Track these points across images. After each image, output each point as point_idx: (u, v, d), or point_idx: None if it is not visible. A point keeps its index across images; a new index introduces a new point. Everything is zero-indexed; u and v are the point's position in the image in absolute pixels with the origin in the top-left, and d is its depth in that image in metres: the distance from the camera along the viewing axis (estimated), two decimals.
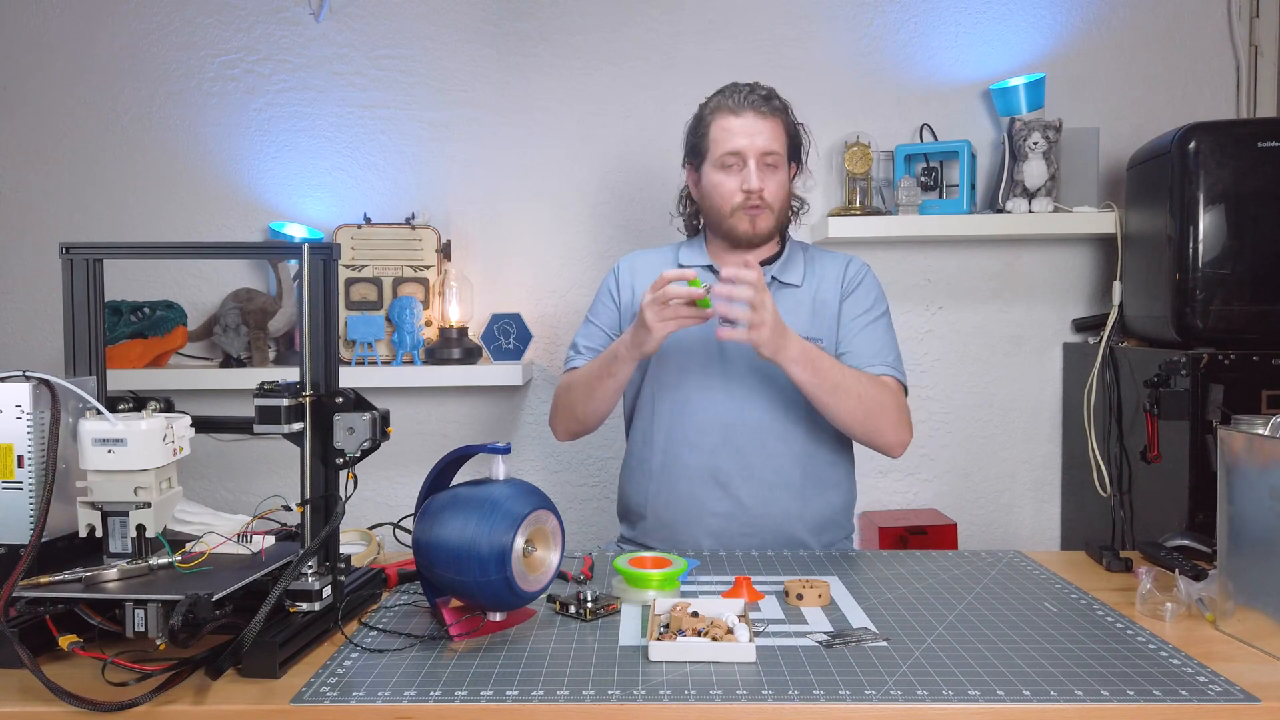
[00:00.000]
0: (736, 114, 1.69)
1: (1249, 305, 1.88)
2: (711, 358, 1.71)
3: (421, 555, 1.14)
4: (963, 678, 1.00)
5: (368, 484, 2.46)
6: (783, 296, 1.73)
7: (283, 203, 2.45)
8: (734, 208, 1.70)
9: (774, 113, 1.70)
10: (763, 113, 1.68)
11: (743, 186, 1.68)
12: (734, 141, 1.68)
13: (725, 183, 1.70)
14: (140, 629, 0.99)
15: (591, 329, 1.82)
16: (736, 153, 1.68)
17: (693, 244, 1.83)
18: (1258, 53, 2.39)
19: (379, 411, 1.14)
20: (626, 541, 1.81)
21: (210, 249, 1.99)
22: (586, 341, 1.81)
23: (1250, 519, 1.12)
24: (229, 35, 2.43)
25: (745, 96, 1.69)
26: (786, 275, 1.75)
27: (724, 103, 1.71)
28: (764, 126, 1.68)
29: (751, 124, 1.68)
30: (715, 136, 1.70)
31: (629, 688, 0.98)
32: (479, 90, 2.44)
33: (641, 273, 1.82)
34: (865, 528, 2.44)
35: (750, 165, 1.67)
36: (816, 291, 1.75)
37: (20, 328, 2.48)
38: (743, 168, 1.68)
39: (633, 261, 1.85)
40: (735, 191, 1.69)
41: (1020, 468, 2.49)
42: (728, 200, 1.70)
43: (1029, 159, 2.24)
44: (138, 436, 1.04)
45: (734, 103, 1.69)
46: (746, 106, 1.68)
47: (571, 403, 1.75)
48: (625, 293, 1.81)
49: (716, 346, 1.70)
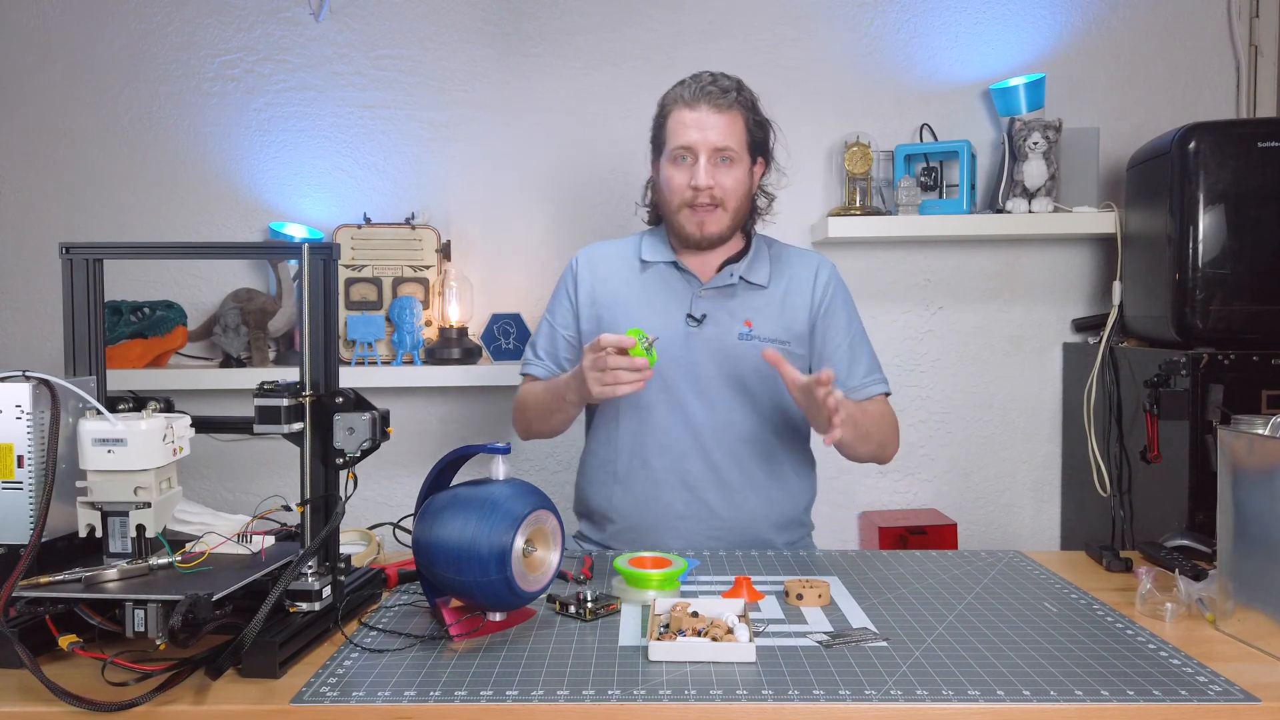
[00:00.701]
0: (691, 107, 1.63)
1: (1249, 305, 1.88)
2: (677, 361, 1.67)
3: (421, 555, 1.14)
4: (963, 678, 1.00)
5: (367, 484, 2.46)
6: (750, 297, 1.70)
7: (282, 203, 2.45)
8: (680, 203, 1.65)
9: (731, 106, 1.63)
10: (719, 105, 1.62)
11: (690, 183, 1.63)
12: (685, 135, 1.62)
13: (675, 176, 1.65)
14: (140, 629, 0.99)
15: (548, 333, 1.77)
16: (687, 147, 1.62)
17: (655, 234, 1.78)
18: (1258, 53, 2.39)
19: (379, 411, 1.14)
20: (588, 541, 1.78)
21: (210, 249, 1.99)
22: (545, 346, 1.77)
23: (1250, 519, 1.12)
24: (229, 35, 2.43)
25: (702, 88, 1.63)
26: (753, 275, 1.71)
27: (681, 94, 1.65)
28: (718, 121, 1.61)
29: (704, 118, 1.61)
30: (670, 129, 1.65)
31: (629, 688, 0.98)
32: (479, 90, 2.44)
33: (601, 265, 1.76)
34: (865, 528, 2.45)
35: (701, 161, 1.62)
36: (785, 294, 1.71)
37: (20, 328, 2.48)
38: (694, 163, 1.62)
39: (591, 254, 1.79)
40: (684, 187, 1.64)
41: (1020, 468, 2.49)
42: (676, 195, 1.65)
43: (1029, 159, 2.24)
44: (137, 436, 1.04)
45: (689, 95, 1.63)
46: (701, 99, 1.62)
47: (528, 419, 1.75)
48: (584, 288, 1.74)
49: (682, 349, 1.67)
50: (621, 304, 1.71)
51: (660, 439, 1.67)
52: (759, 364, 1.62)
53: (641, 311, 1.69)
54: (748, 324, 1.67)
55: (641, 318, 1.67)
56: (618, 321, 1.69)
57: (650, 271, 1.74)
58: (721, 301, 1.69)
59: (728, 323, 1.67)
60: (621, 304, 1.71)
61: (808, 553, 1.54)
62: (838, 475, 2.47)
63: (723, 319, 1.68)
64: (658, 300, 1.71)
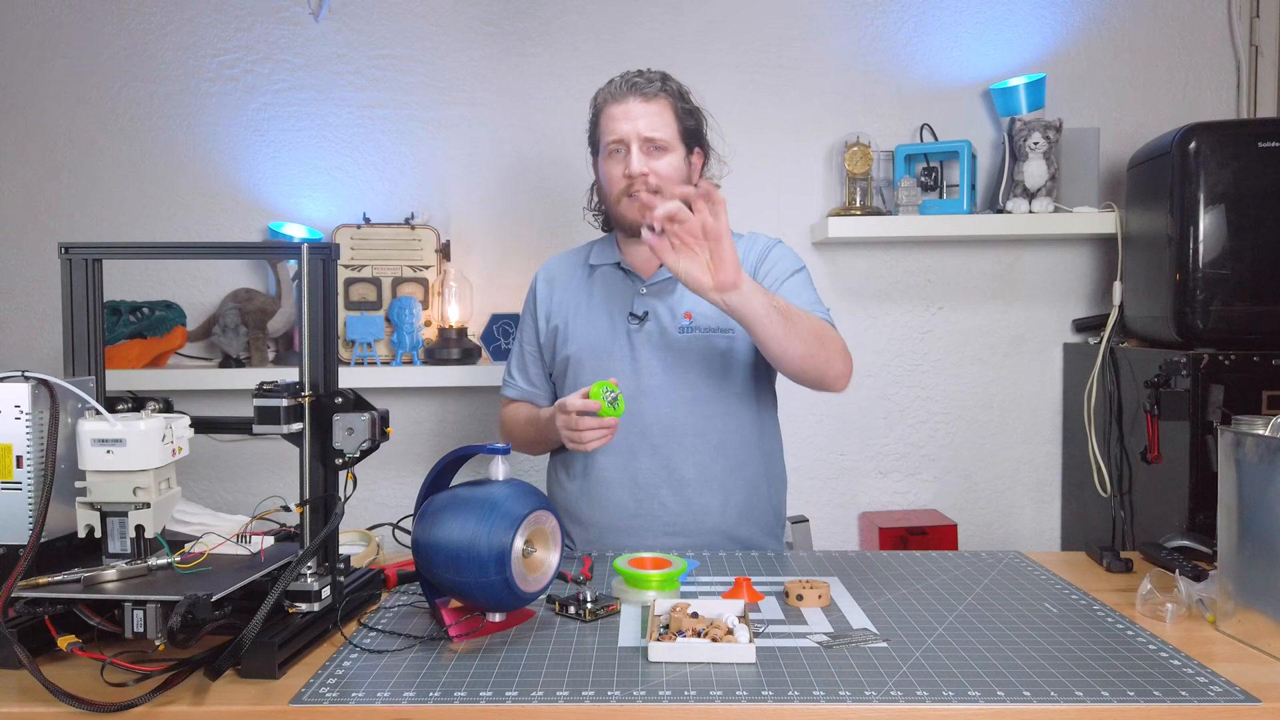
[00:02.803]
0: (619, 101, 1.64)
1: (1249, 305, 1.88)
2: (621, 361, 1.67)
3: (421, 556, 1.14)
4: (963, 678, 1.00)
5: (367, 484, 2.46)
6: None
7: (282, 203, 2.45)
8: (619, 194, 1.65)
9: (658, 95, 1.63)
10: (645, 95, 1.63)
11: (624, 172, 1.63)
12: (616, 128, 1.63)
13: (611, 170, 1.66)
14: (139, 629, 0.99)
15: (518, 352, 1.83)
16: (619, 139, 1.63)
17: (604, 241, 1.80)
18: (1258, 53, 2.39)
19: (378, 412, 1.14)
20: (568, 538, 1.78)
21: (209, 249, 1.99)
22: (517, 365, 1.83)
23: (1251, 520, 1.12)
24: (228, 35, 2.43)
25: (628, 81, 1.64)
26: None
27: (609, 92, 1.67)
28: (645, 110, 1.62)
29: (631, 108, 1.62)
30: (603, 125, 1.67)
31: (629, 688, 0.98)
32: (479, 90, 2.44)
33: (557, 276, 1.79)
34: (865, 528, 2.45)
35: (633, 150, 1.62)
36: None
37: (19, 328, 2.48)
38: (627, 153, 1.63)
39: (548, 268, 1.83)
40: (620, 178, 1.64)
41: (1021, 468, 2.48)
42: (614, 186, 1.65)
43: (1029, 159, 2.23)
44: (137, 437, 1.03)
45: (616, 90, 1.65)
46: (627, 91, 1.63)
47: (516, 443, 1.80)
48: (541, 303, 1.78)
49: (626, 349, 1.67)
50: (570, 312, 1.74)
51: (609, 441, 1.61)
52: (703, 357, 1.64)
53: (588, 317, 1.71)
54: (688, 316, 1.66)
55: (588, 323, 1.70)
56: (569, 331, 1.72)
57: (596, 275, 1.75)
58: (663, 298, 1.68)
59: (668, 318, 1.67)
60: (570, 312, 1.74)
61: (807, 553, 1.54)
62: (838, 476, 2.47)
63: (663, 315, 1.67)
64: (602, 304, 1.72)
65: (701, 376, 1.66)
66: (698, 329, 1.66)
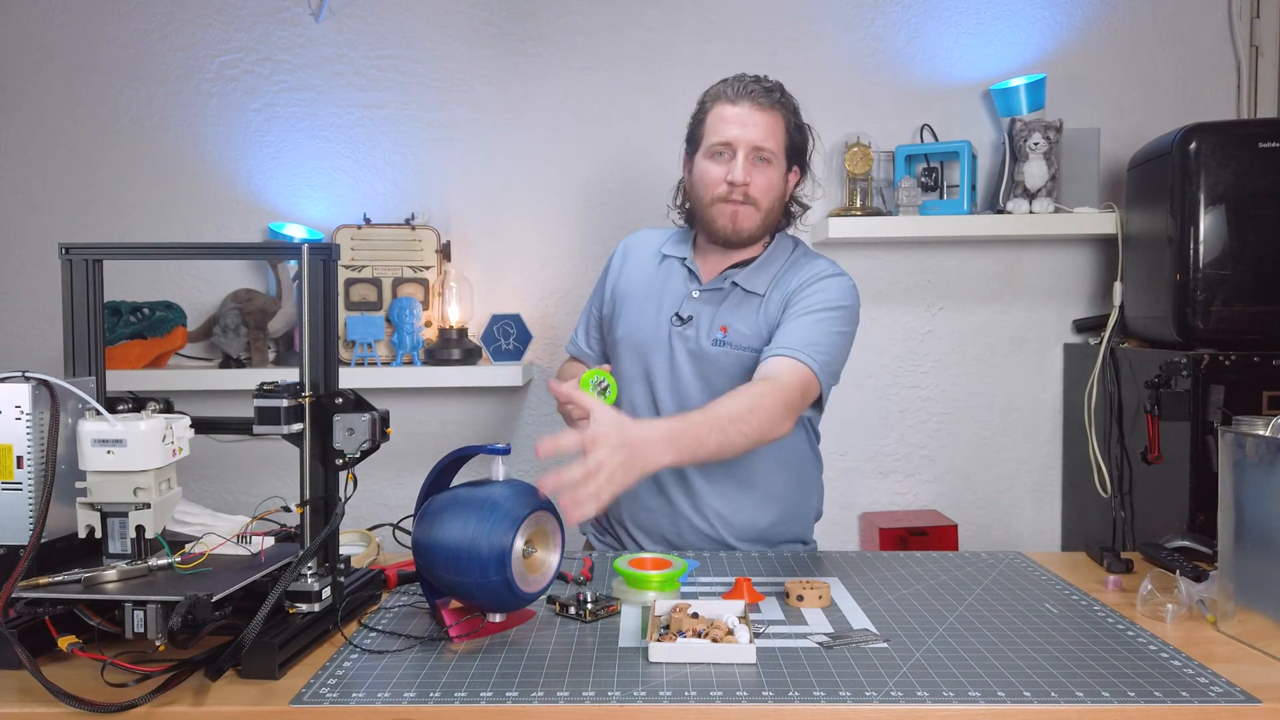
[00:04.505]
0: (733, 103, 1.62)
1: (1250, 306, 1.88)
2: (659, 358, 1.68)
3: (421, 556, 1.14)
4: (963, 679, 1.00)
5: (367, 485, 2.46)
6: (738, 303, 1.66)
7: (282, 203, 2.45)
8: (715, 198, 1.63)
9: (773, 106, 1.62)
10: (761, 104, 1.61)
11: (727, 177, 1.61)
12: (725, 131, 1.62)
13: (711, 171, 1.64)
14: (139, 630, 0.99)
15: (587, 315, 1.86)
16: (727, 143, 1.61)
17: (682, 234, 1.78)
18: (1258, 53, 2.39)
19: (379, 412, 1.14)
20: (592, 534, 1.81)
21: (210, 249, 1.99)
22: (582, 327, 1.87)
23: (1251, 520, 1.12)
24: (229, 36, 2.43)
25: (745, 86, 1.62)
26: (750, 282, 1.66)
27: (723, 91, 1.65)
28: (759, 119, 1.61)
29: (746, 114, 1.61)
30: (710, 124, 1.65)
31: (629, 689, 0.98)
32: (479, 90, 2.44)
33: (633, 252, 1.81)
34: (866, 529, 2.44)
35: (739, 157, 1.61)
36: (773, 301, 1.64)
37: (20, 328, 2.48)
38: (731, 158, 1.62)
39: (631, 241, 1.84)
40: (719, 181, 1.62)
41: (1021, 469, 2.48)
42: (710, 189, 1.64)
43: (1029, 159, 2.23)
44: (137, 437, 1.03)
45: (732, 91, 1.63)
46: (744, 96, 1.62)
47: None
48: (613, 273, 1.80)
49: (665, 347, 1.67)
50: (629, 295, 1.75)
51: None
52: (733, 371, 1.62)
53: (642, 305, 1.72)
54: (723, 330, 1.64)
55: (639, 312, 1.71)
56: (622, 312, 1.74)
57: (664, 265, 1.75)
58: (709, 305, 1.67)
59: (707, 327, 1.66)
60: (629, 295, 1.75)
61: (808, 553, 1.53)
62: (838, 477, 2.46)
63: (704, 322, 1.66)
64: (658, 295, 1.72)
65: (731, 389, 1.64)
66: (730, 344, 1.64)
